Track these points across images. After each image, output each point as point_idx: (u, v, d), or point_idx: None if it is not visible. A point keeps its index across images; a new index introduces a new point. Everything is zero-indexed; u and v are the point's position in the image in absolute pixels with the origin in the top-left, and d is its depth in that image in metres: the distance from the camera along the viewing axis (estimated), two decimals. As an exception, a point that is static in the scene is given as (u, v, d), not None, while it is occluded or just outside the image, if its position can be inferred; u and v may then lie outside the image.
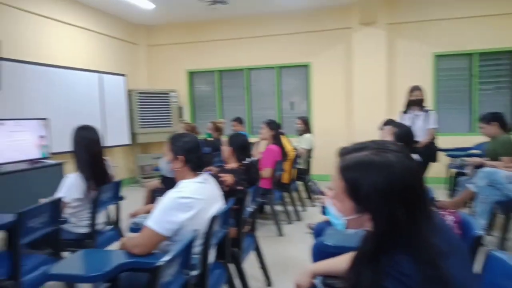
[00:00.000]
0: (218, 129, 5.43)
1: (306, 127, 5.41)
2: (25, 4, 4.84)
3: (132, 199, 3.08)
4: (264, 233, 3.79)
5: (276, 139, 4.16)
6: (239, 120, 5.80)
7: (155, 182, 4.47)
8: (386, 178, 0.83)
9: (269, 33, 6.91)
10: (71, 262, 1.77)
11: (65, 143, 4.79)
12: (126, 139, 6.61)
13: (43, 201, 2.37)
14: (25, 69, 4.74)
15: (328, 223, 2.42)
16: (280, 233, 3.87)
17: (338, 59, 6.65)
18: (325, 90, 6.77)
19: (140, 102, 6.81)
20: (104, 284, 1.67)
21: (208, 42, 7.23)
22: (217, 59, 7.23)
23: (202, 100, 7.60)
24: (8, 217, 2.38)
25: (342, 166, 0.92)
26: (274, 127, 4.26)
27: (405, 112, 4.52)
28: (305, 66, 6.92)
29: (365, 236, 0.94)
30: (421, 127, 4.27)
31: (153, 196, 4.44)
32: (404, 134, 2.79)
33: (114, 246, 2.76)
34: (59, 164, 4.37)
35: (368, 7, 5.94)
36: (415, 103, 4.42)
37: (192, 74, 7.53)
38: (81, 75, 5.71)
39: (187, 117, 7.44)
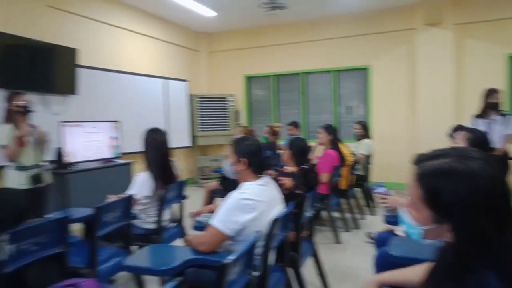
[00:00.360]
0: (274, 133, 5.48)
1: (365, 132, 5.26)
2: (100, 16, 5.30)
3: (192, 199, 3.22)
4: (321, 240, 3.74)
5: (334, 144, 4.10)
6: (295, 124, 5.79)
7: (214, 183, 4.63)
8: (470, 187, 0.79)
9: (326, 37, 6.84)
10: (142, 255, 1.90)
11: (134, 144, 5.18)
12: (187, 142, 6.92)
13: (111, 197, 2.56)
14: (99, 76, 5.18)
15: (391, 233, 2.34)
16: (338, 241, 3.79)
17: (400, 62, 6.39)
18: (386, 93, 6.53)
19: (200, 106, 7.10)
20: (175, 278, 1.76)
21: (265, 47, 7.34)
22: (273, 64, 7.31)
23: (258, 104, 7.72)
24: (86, 211, 2.62)
25: (420, 174, 0.88)
26: (332, 131, 4.20)
27: (479, 116, 4.20)
28: (364, 69, 6.74)
29: (444, 248, 0.89)
30: (499, 133, 3.96)
31: (212, 196, 4.61)
32: (479, 141, 2.58)
33: (177, 242, 2.92)
34: (129, 164, 4.71)
35: (433, 7, 5.64)
36: (493, 106, 4.10)
37: (249, 79, 7.68)
38: (148, 81, 6.10)
39: (243, 121, 7.60)
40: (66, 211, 3.03)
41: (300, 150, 2.72)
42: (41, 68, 4.25)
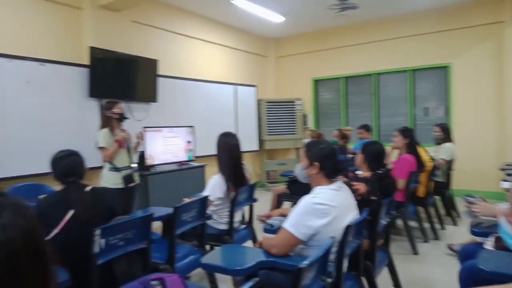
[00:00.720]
0: (344, 137, 5.33)
1: (445, 135, 4.85)
2: (177, 28, 5.66)
3: (259, 202, 3.28)
4: (396, 250, 3.53)
5: (411, 148, 3.85)
6: (366, 128, 5.57)
7: (281, 187, 4.64)
8: None
9: (400, 35, 6.48)
10: (217, 255, 1.97)
11: (206, 148, 5.44)
12: (255, 146, 7.04)
13: (186, 200, 2.70)
14: (175, 84, 5.53)
15: (478, 245, 2.12)
16: (415, 251, 3.55)
17: (485, 59, 5.81)
18: (469, 93, 5.98)
19: (268, 110, 7.18)
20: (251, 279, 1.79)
21: (333, 49, 7.20)
22: (342, 66, 7.13)
23: (326, 107, 7.58)
24: (164, 210, 2.80)
25: None
26: (408, 135, 3.95)
27: None
28: (444, 68, 6.25)
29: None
30: None
31: (280, 200, 4.62)
32: None
33: (247, 243, 2.97)
34: (202, 166, 4.94)
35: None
36: None
37: (316, 82, 7.59)
38: (219, 88, 6.35)
39: (311, 124, 7.52)
40: (146, 210, 3.28)
41: (374, 154, 2.60)
42: (127, 79, 4.66)
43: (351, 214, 1.90)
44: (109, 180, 3.55)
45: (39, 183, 3.64)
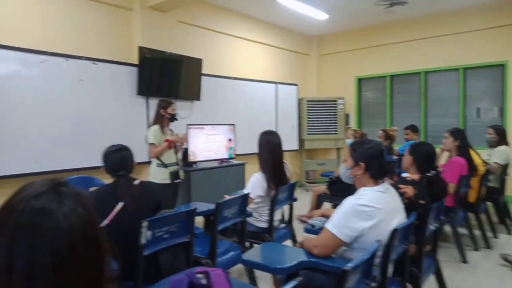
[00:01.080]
0: (389, 137, 5.12)
1: (500, 137, 4.51)
2: (221, 27, 5.75)
3: (298, 202, 3.25)
4: (443, 257, 3.35)
5: (462, 151, 3.63)
6: (412, 128, 5.33)
7: (322, 187, 4.57)
8: None
9: (451, 32, 6.14)
10: (259, 252, 1.98)
11: (246, 146, 5.48)
12: (294, 145, 6.99)
13: (226, 197, 2.73)
14: (218, 83, 5.62)
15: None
16: (464, 260, 3.35)
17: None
18: (528, 93, 5.55)
19: (309, 109, 7.09)
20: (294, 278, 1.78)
21: (378, 47, 6.96)
22: (388, 64, 6.88)
23: (369, 107, 7.36)
24: (207, 206, 2.85)
25: None
26: (459, 136, 3.73)
27: None
28: (500, 66, 5.84)
29: None
30: None
31: (319, 200, 4.55)
32: None
33: (286, 242, 2.96)
34: (242, 164, 4.98)
35: None
36: None
37: (360, 81, 7.38)
38: (260, 86, 6.37)
39: (353, 124, 7.34)
40: (189, 205, 3.36)
41: (424, 155, 2.46)
42: (172, 77, 4.81)
43: (397, 217, 1.83)
44: (157, 175, 3.70)
45: (89, 176, 3.85)
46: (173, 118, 3.80)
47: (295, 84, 7.06)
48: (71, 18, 4.06)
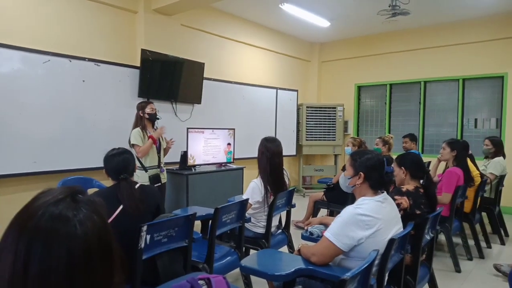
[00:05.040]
0: (386, 143, 5.13)
1: (496, 149, 4.56)
2: (224, 31, 5.78)
3: (295, 207, 3.26)
4: (437, 266, 3.39)
5: (459, 161, 3.66)
6: (411, 137, 5.35)
7: (319, 194, 4.60)
8: None
9: (452, 43, 6.20)
10: (256, 258, 2.00)
11: (245, 150, 5.51)
12: (292, 150, 7.01)
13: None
14: (219, 86, 5.65)
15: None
16: (457, 269, 3.38)
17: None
18: (525, 106, 5.61)
19: (308, 115, 7.13)
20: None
21: (379, 55, 7.02)
22: (388, 72, 6.94)
23: (368, 114, 7.41)
24: (204, 210, 2.87)
25: None
26: (456, 147, 3.76)
27: None
28: (499, 78, 5.90)
29: None
30: None
31: (316, 207, 4.58)
32: None
33: (283, 248, 2.97)
34: (240, 169, 5.00)
35: None
36: None
37: (360, 88, 7.44)
38: (261, 91, 6.40)
39: (351, 131, 7.38)
40: (186, 209, 3.37)
41: (414, 162, 2.48)
42: (174, 80, 4.83)
43: (395, 227, 1.86)
44: (137, 179, 3.61)
45: (87, 177, 3.85)
46: (153, 117, 3.74)
47: (295, 90, 7.10)
48: (75, 19, 4.08)
